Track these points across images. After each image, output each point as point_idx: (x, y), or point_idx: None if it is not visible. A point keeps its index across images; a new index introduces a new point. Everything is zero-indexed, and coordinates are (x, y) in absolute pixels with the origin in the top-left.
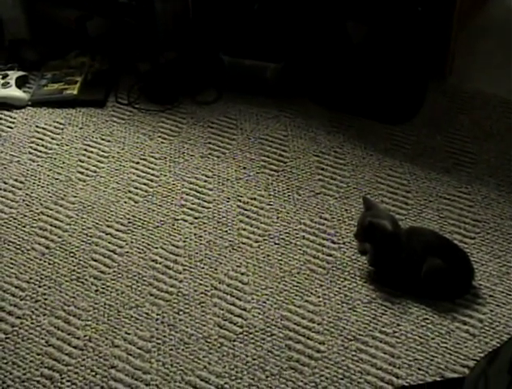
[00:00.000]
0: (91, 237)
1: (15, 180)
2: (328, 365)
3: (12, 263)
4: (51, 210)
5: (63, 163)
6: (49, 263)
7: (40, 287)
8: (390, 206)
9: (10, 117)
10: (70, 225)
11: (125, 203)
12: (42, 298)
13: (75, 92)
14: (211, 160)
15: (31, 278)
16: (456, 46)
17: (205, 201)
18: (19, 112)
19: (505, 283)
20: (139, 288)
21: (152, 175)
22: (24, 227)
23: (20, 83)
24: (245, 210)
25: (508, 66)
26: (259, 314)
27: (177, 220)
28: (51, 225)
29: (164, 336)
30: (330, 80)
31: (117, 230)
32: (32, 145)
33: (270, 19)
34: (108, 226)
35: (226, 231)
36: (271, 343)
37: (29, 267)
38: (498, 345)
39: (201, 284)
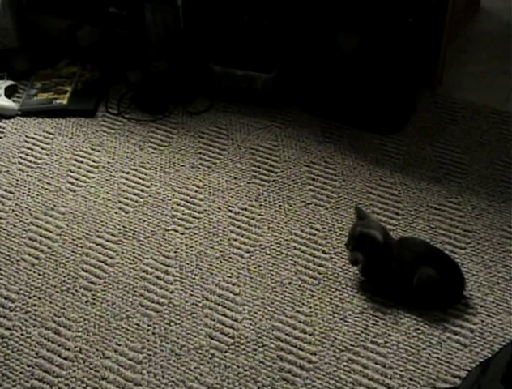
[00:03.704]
0: (81, 247)
1: (5, 190)
2: (320, 375)
3: (1, 274)
4: (41, 220)
5: (53, 173)
6: (39, 274)
7: (29, 298)
8: (380, 216)
9: (0, 127)
10: (60, 236)
11: (116, 213)
12: (32, 309)
13: (65, 102)
14: (201, 170)
15: (20, 289)
16: (446, 56)
17: (196, 211)
18: (8, 122)
19: (495, 293)
20: (130, 299)
21: (143, 185)
22: (14, 237)
23: (10, 92)
24: (236, 220)
25: (498, 77)
26: (251, 324)
27: (168, 230)
28: (41, 236)
29: (155, 347)
30: (321, 90)
31: (108, 240)
32: (21, 155)
33: (261, 29)
34: (98, 236)
35: (217, 241)
36: (263, 354)
37: (19, 278)
38: (489, 355)
39: (192, 295)
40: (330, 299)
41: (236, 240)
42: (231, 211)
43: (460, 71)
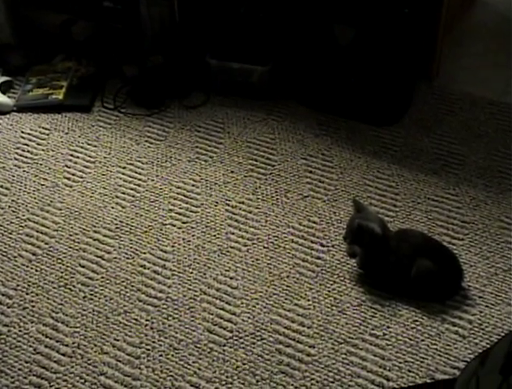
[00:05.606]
0: (78, 243)
1: (1, 186)
2: (319, 368)
3: None
4: (37, 216)
5: (49, 168)
6: (36, 270)
7: (27, 294)
8: (378, 208)
9: None
10: (57, 231)
11: (113, 208)
12: (30, 305)
13: (61, 97)
14: (198, 164)
15: (18, 285)
16: (443, 48)
17: (193, 205)
18: (4, 117)
19: (493, 284)
20: (128, 294)
21: (139, 180)
22: (11, 234)
23: (5, 88)
24: (234, 214)
25: (495, 68)
26: (249, 318)
27: (165, 224)
28: (38, 232)
29: (154, 342)
30: (317, 83)
31: (105, 236)
32: (17, 151)
33: (256, 22)
34: (95, 232)
35: (214, 235)
36: (261, 347)
37: (16, 274)
38: (488, 346)
39: (190, 289)
40: (329, 292)
41: (233, 233)
42: (228, 204)
43: (457, 63)
